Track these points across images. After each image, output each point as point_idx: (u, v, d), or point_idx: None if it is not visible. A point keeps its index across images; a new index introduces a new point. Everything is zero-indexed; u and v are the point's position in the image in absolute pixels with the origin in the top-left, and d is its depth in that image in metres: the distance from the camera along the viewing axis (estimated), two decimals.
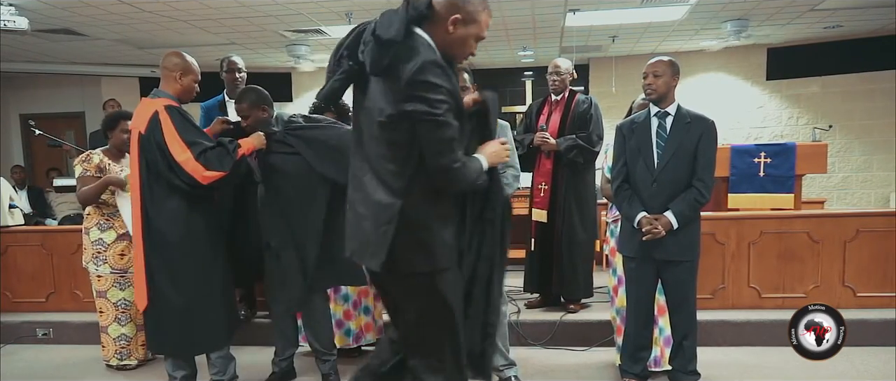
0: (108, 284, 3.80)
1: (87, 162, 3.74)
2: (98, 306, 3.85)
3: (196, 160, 2.92)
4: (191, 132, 2.98)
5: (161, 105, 3.00)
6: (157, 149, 2.95)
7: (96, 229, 3.78)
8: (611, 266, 3.66)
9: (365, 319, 3.92)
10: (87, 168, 3.73)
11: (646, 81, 3.12)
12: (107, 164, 3.76)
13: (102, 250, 3.76)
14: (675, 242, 3.06)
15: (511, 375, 3.37)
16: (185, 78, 3.09)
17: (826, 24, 7.59)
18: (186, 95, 3.13)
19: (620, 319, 3.55)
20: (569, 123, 4.20)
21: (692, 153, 3.08)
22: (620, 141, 3.23)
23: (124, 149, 3.79)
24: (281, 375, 3.56)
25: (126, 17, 6.43)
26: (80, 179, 3.72)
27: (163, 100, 3.04)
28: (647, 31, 7.95)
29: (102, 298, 3.82)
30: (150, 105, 3.04)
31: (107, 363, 3.93)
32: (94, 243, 3.78)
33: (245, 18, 6.68)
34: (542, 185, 4.26)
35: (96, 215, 3.79)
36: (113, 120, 3.83)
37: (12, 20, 5.64)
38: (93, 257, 3.79)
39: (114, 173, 3.73)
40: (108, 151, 3.83)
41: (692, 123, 3.11)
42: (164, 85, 3.10)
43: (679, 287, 3.15)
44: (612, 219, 3.63)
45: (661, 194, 3.08)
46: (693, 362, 3.22)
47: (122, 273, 3.78)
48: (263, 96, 3.26)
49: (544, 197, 4.25)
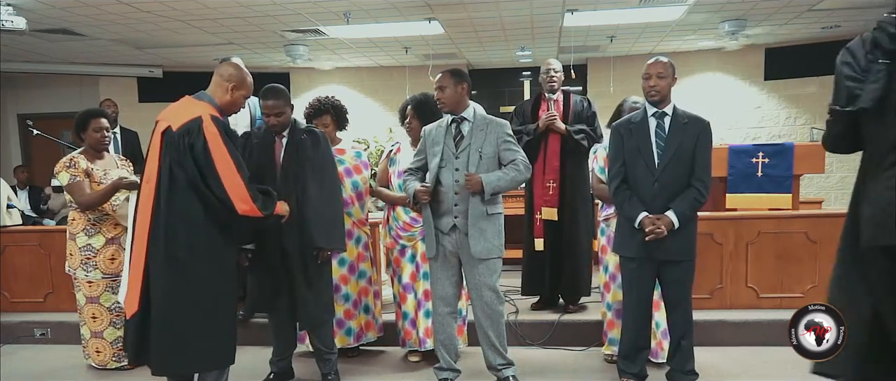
0: (100, 289, 3.76)
1: (74, 167, 3.68)
2: (90, 312, 3.78)
3: (247, 188, 2.75)
4: (238, 155, 2.79)
5: (206, 112, 2.74)
6: (194, 156, 2.70)
7: (83, 234, 3.73)
8: (602, 263, 3.69)
9: (365, 317, 3.93)
10: (75, 173, 3.67)
11: (649, 82, 3.12)
12: (90, 167, 3.72)
13: (92, 256, 3.72)
14: (676, 241, 3.07)
15: (509, 375, 3.37)
16: (236, 92, 2.88)
17: (824, 24, 7.60)
18: (231, 109, 2.92)
19: (612, 313, 3.61)
20: (570, 120, 4.25)
21: (691, 153, 3.09)
22: (618, 141, 3.22)
23: (100, 147, 3.79)
24: (279, 375, 3.56)
25: (124, 17, 6.42)
26: (73, 186, 3.66)
27: (208, 106, 2.79)
28: (644, 32, 7.96)
29: (95, 303, 3.77)
30: (192, 106, 2.79)
31: (101, 366, 3.85)
32: (82, 249, 3.73)
33: (243, 18, 6.67)
34: (550, 182, 4.27)
35: (82, 221, 3.73)
36: (83, 121, 3.77)
37: (10, 20, 5.63)
38: (81, 263, 3.73)
39: (96, 174, 3.69)
40: (86, 152, 3.79)
41: (689, 123, 3.12)
42: (213, 91, 2.88)
43: (678, 287, 3.16)
44: (603, 218, 3.66)
45: (662, 194, 3.08)
46: (691, 361, 3.23)
47: (113, 277, 3.73)
48: (288, 96, 3.38)
49: (553, 195, 4.26)
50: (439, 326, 3.38)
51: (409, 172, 3.42)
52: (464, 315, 3.85)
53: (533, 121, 4.33)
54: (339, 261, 3.78)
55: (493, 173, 3.20)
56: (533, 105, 4.42)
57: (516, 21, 7.19)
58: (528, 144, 4.25)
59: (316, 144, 3.36)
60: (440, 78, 3.31)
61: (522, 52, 9.10)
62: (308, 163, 3.30)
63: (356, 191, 3.84)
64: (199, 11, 6.31)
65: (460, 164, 3.24)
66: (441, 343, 3.40)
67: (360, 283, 3.89)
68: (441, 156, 3.27)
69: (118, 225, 3.76)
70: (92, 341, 3.84)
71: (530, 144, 4.25)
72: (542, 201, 4.31)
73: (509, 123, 3.41)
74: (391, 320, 4.05)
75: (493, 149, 3.26)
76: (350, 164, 3.84)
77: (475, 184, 3.15)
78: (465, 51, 8.95)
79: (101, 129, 3.76)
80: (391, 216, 3.82)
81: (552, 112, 4.21)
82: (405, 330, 3.83)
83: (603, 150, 3.68)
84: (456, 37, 7.93)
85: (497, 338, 3.34)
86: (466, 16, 6.83)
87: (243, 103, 2.98)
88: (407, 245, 3.78)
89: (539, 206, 4.33)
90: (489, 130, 3.28)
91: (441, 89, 3.29)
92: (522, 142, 4.28)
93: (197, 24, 6.82)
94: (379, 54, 9.12)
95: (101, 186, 3.69)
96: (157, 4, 6.00)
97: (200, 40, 7.61)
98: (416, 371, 3.79)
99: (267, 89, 3.32)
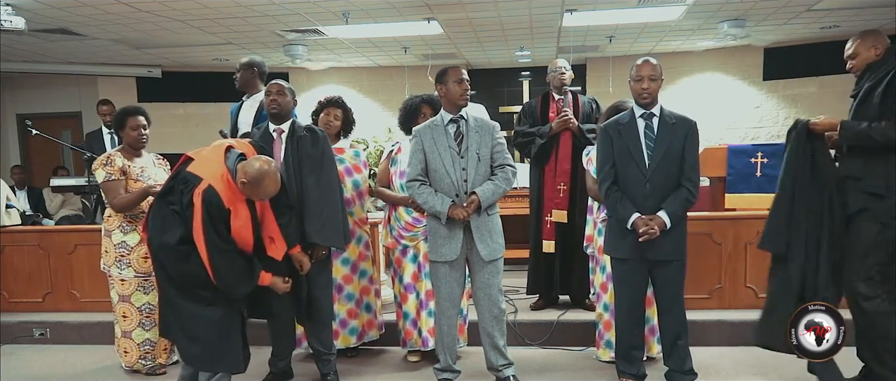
0: (131, 288, 3.71)
1: (110, 165, 3.65)
2: (121, 311, 3.74)
3: (214, 267, 2.88)
4: (215, 233, 2.89)
5: (213, 179, 2.91)
6: (184, 206, 2.91)
7: (119, 231, 3.69)
8: (599, 264, 3.69)
9: (367, 316, 3.93)
10: (111, 172, 3.64)
11: (641, 84, 3.11)
12: (127, 165, 3.69)
13: (126, 254, 3.68)
14: (667, 242, 3.08)
15: (509, 374, 3.37)
16: (246, 187, 2.92)
17: (823, 24, 7.60)
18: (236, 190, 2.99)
19: (609, 314, 3.63)
20: (579, 120, 4.28)
21: (679, 153, 3.10)
22: (607, 143, 3.21)
23: (138, 145, 3.76)
24: (278, 375, 3.56)
25: (123, 17, 6.42)
26: (108, 185, 3.63)
27: (220, 172, 2.94)
28: (643, 32, 7.96)
29: (126, 302, 3.72)
30: (212, 163, 2.98)
31: (129, 368, 3.83)
32: (117, 246, 3.69)
33: (242, 18, 6.67)
34: (561, 185, 4.27)
35: (118, 217, 3.69)
36: (121, 119, 3.74)
37: (9, 20, 5.62)
38: (115, 260, 3.69)
39: (133, 171, 3.68)
40: (124, 150, 3.76)
41: (677, 123, 3.14)
42: (241, 167, 2.95)
43: (670, 286, 3.17)
44: (601, 219, 3.66)
45: (654, 194, 3.09)
46: (688, 361, 3.23)
47: (145, 277, 3.68)
48: (293, 90, 3.52)
49: (564, 197, 4.26)
50: (446, 327, 3.37)
51: (419, 182, 3.27)
52: (465, 315, 3.85)
53: (542, 122, 4.33)
54: (343, 260, 3.78)
55: (487, 188, 3.19)
56: (542, 106, 4.42)
57: (515, 21, 7.19)
58: (542, 147, 4.26)
59: (315, 142, 3.37)
60: (462, 70, 3.27)
61: (521, 53, 9.10)
62: (307, 160, 3.30)
63: (357, 190, 3.84)
64: (198, 11, 6.31)
65: (465, 164, 3.23)
66: (444, 345, 3.40)
67: (361, 282, 3.89)
68: (446, 158, 3.24)
69: None
70: (122, 340, 3.79)
71: (543, 146, 4.25)
72: (553, 203, 4.32)
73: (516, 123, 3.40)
74: (390, 320, 4.05)
75: (488, 151, 3.26)
76: (350, 163, 3.83)
77: (476, 207, 3.17)
78: (464, 51, 8.95)
79: (139, 127, 3.72)
80: (393, 216, 3.81)
81: (566, 112, 4.22)
82: (406, 330, 3.83)
83: (596, 151, 3.69)
84: (455, 37, 7.93)
85: (501, 338, 3.34)
86: (465, 16, 6.82)
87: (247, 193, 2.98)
88: (409, 245, 3.77)
89: (549, 208, 4.34)
90: (483, 132, 3.28)
91: (468, 82, 3.28)
92: (535, 145, 4.29)
93: (196, 23, 6.82)
94: (378, 54, 9.12)
95: (138, 184, 3.66)
96: (156, 4, 6.00)
97: (199, 40, 7.60)
98: (415, 371, 3.79)
99: (274, 79, 3.48)
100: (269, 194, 2.99)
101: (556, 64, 4.36)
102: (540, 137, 4.27)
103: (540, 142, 4.25)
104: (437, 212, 3.21)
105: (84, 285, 4.72)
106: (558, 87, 4.32)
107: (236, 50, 8.05)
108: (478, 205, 3.17)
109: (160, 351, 3.82)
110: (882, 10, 6.83)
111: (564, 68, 4.33)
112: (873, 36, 3.03)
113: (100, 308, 4.58)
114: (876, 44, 3.00)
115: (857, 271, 2.97)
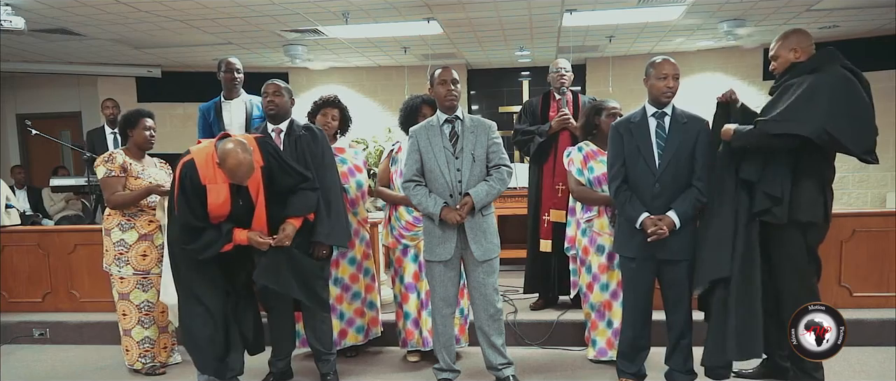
0: (130, 286, 3.72)
1: (111, 162, 3.66)
2: (121, 309, 3.76)
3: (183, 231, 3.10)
4: (186, 204, 3.07)
5: (196, 154, 3.09)
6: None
7: (118, 229, 3.70)
8: (585, 264, 3.70)
9: (370, 314, 3.94)
10: (111, 168, 3.65)
11: (666, 82, 3.11)
12: (129, 163, 3.69)
13: (125, 252, 3.69)
14: (677, 241, 3.07)
15: (508, 374, 3.37)
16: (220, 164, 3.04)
17: (823, 24, 7.60)
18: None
19: (595, 314, 3.67)
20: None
21: (691, 153, 3.09)
22: (618, 141, 3.20)
23: (147, 147, 3.76)
24: (278, 375, 3.56)
25: (122, 17, 6.42)
26: (106, 181, 3.64)
27: (207, 148, 3.10)
28: (643, 32, 7.96)
29: (125, 300, 3.73)
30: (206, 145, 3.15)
31: (131, 367, 3.83)
32: (116, 244, 3.70)
33: (242, 18, 6.67)
34: (560, 185, 4.27)
35: (117, 216, 3.71)
36: (134, 118, 3.73)
37: (9, 20, 5.62)
38: (115, 258, 3.71)
39: (134, 169, 3.68)
40: (129, 150, 3.76)
41: (689, 122, 3.13)
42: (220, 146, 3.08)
43: (678, 286, 3.16)
44: (585, 220, 3.67)
45: (663, 194, 3.08)
46: (690, 361, 3.23)
47: (144, 274, 3.71)
48: (290, 89, 3.57)
49: (562, 197, 4.26)
50: (442, 327, 3.37)
51: (414, 183, 3.27)
52: (465, 315, 3.85)
53: (542, 121, 4.33)
54: (350, 260, 3.80)
55: (481, 189, 3.19)
56: (542, 105, 4.42)
57: (515, 21, 7.19)
58: (541, 145, 4.25)
59: (314, 141, 3.37)
60: (450, 71, 3.27)
61: (521, 52, 9.10)
62: (309, 160, 3.30)
63: (360, 190, 3.85)
64: (198, 11, 6.31)
65: (459, 164, 3.24)
66: (442, 344, 3.40)
67: (365, 281, 3.90)
68: (441, 158, 3.24)
69: (152, 222, 3.74)
70: (124, 339, 3.81)
71: (542, 145, 4.25)
72: (552, 203, 4.32)
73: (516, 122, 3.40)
74: (390, 320, 4.05)
75: (484, 151, 3.26)
76: (351, 163, 3.84)
77: (469, 209, 3.17)
78: (463, 51, 8.95)
79: (151, 128, 3.75)
80: (393, 216, 3.81)
81: (565, 111, 4.22)
82: (407, 330, 3.82)
83: (577, 151, 3.71)
84: (455, 37, 7.93)
85: (498, 337, 3.34)
86: (465, 16, 6.83)
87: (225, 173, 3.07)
88: (409, 245, 3.77)
89: (548, 208, 4.34)
90: (479, 132, 3.27)
91: (454, 83, 3.26)
92: (535, 143, 4.29)
93: (195, 23, 6.82)
94: (377, 54, 9.12)
95: (138, 182, 3.67)
96: (155, 4, 6.00)
97: (199, 40, 7.61)
98: (415, 371, 3.79)
99: (270, 80, 3.48)
100: (236, 176, 2.99)
101: (558, 64, 4.37)
102: (539, 135, 4.27)
103: (539, 140, 4.26)
104: (430, 213, 3.22)
105: (84, 285, 4.72)
106: (558, 87, 4.32)
107: (236, 50, 8.05)
108: (471, 207, 3.17)
109: (160, 350, 3.83)
110: (882, 10, 6.83)
111: (565, 69, 4.34)
112: (796, 37, 3.04)
113: (99, 308, 4.58)
114: (796, 46, 3.03)
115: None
